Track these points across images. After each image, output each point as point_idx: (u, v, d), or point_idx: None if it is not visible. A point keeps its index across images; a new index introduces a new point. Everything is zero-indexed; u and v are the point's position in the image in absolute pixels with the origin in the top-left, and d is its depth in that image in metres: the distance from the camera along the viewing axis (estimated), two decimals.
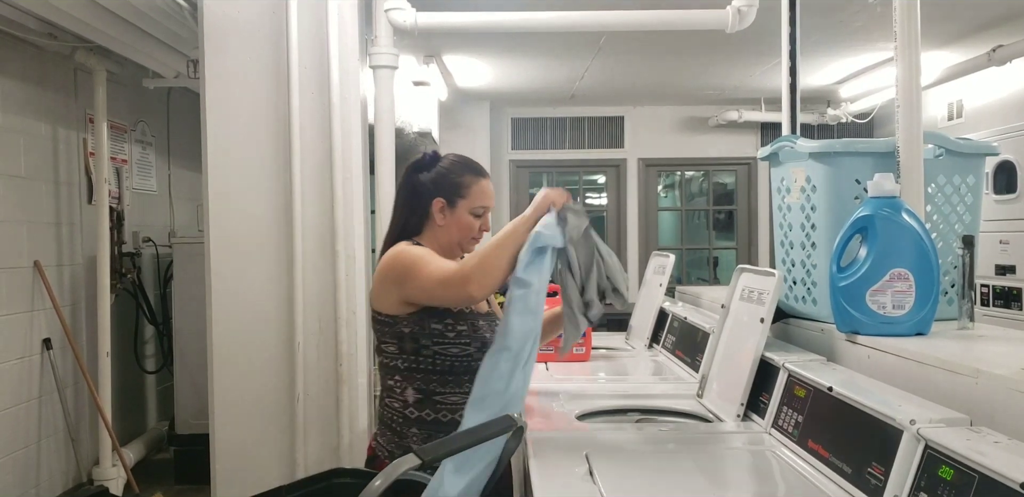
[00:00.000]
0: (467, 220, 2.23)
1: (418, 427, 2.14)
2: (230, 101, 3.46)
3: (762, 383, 2.05)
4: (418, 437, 2.14)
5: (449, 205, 2.22)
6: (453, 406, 2.12)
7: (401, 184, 2.31)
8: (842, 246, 1.99)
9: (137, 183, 5.43)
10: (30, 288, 4.21)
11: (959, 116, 6.02)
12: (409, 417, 2.15)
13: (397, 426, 2.17)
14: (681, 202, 8.13)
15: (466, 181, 2.23)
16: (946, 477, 1.25)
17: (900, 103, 2.18)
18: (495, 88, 6.70)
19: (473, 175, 2.25)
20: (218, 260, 3.48)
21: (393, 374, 2.17)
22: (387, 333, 2.16)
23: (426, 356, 2.12)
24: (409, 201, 2.26)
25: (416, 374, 2.14)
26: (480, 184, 2.25)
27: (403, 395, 2.16)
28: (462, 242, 2.25)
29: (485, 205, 2.25)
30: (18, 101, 4.12)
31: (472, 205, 2.23)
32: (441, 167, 2.26)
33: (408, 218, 2.25)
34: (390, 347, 2.16)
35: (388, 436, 2.19)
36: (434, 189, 2.22)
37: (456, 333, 2.13)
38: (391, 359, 2.17)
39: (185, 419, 4.91)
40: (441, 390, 2.14)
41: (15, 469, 4.07)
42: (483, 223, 2.26)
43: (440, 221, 2.22)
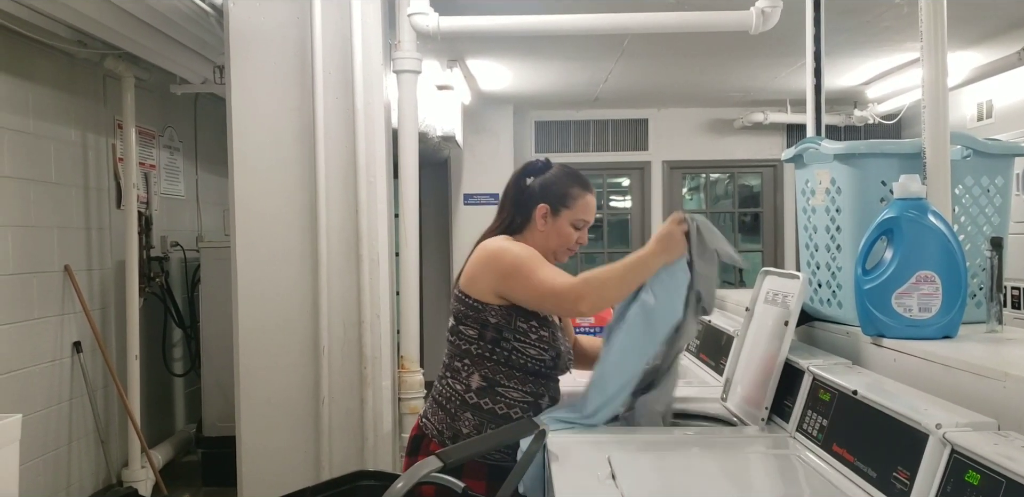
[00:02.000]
0: (567, 230, 2.28)
1: (473, 413, 2.17)
2: (256, 106, 3.49)
3: (787, 387, 2.03)
4: (471, 423, 2.17)
5: (552, 213, 2.27)
6: (511, 401, 2.16)
7: (510, 184, 2.37)
8: (867, 248, 1.97)
9: (165, 188, 5.49)
10: (60, 292, 4.27)
11: (989, 116, 5.95)
12: (467, 402, 2.18)
13: (453, 408, 2.20)
14: (706, 204, 8.09)
15: (573, 192, 2.28)
16: (973, 482, 1.24)
17: (926, 104, 2.16)
18: (518, 91, 6.70)
19: (580, 188, 2.30)
20: (244, 264, 3.51)
21: (463, 357, 2.21)
22: (471, 317, 2.20)
23: (504, 349, 2.17)
24: (516, 202, 2.32)
25: (487, 362, 2.18)
26: (586, 198, 2.30)
27: (468, 380, 2.19)
28: (557, 251, 2.31)
29: (586, 219, 2.30)
30: (49, 108, 4.18)
31: (575, 217, 2.28)
32: (551, 175, 2.32)
33: (514, 217, 2.31)
34: (469, 331, 2.20)
35: (440, 416, 2.22)
36: (540, 195, 2.28)
37: (539, 337, 2.18)
38: (467, 343, 2.21)
39: (212, 421, 4.95)
40: (506, 383, 2.17)
41: (46, 470, 4.12)
42: (580, 236, 2.31)
43: (541, 227, 2.27)
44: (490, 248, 2.23)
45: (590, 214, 2.31)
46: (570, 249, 2.31)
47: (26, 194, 3.99)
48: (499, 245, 2.22)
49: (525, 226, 2.29)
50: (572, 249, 2.32)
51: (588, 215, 2.31)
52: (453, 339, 2.26)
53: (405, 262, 3.70)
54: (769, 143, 7.56)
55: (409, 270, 3.69)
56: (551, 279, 2.09)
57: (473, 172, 7.41)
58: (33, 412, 3.97)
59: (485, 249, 2.24)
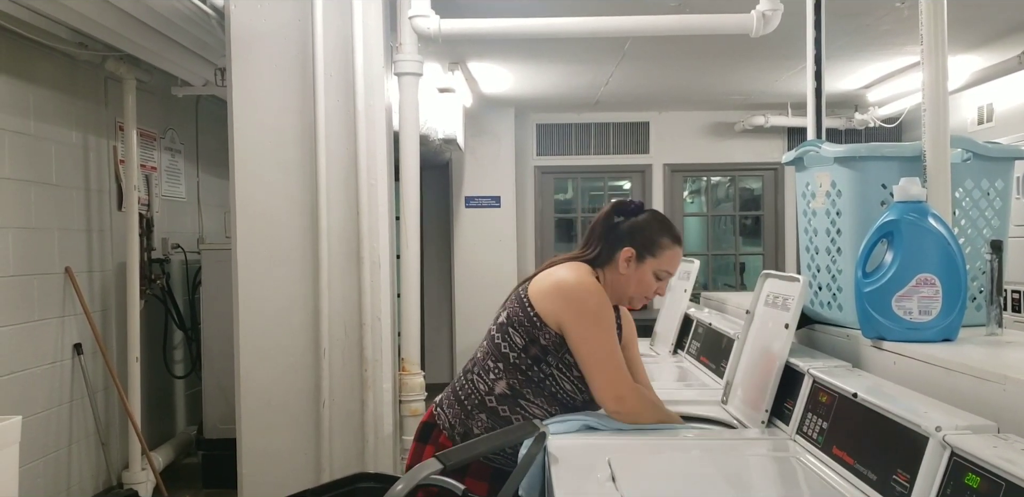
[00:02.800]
0: (648, 279, 2.25)
1: (488, 416, 2.17)
2: (257, 108, 3.50)
3: (787, 389, 2.03)
4: (484, 424, 2.16)
5: (637, 258, 2.23)
6: (530, 415, 2.15)
7: (599, 220, 2.31)
8: (867, 251, 1.98)
9: (166, 190, 5.49)
10: (61, 294, 4.27)
11: (989, 120, 5.95)
12: (486, 404, 2.18)
13: (471, 405, 2.19)
14: (707, 207, 8.09)
15: (663, 242, 2.25)
16: (972, 485, 1.24)
17: (927, 107, 2.16)
18: (520, 94, 6.71)
19: (671, 239, 2.26)
20: (245, 266, 3.51)
21: (499, 360, 2.19)
22: (524, 328, 2.17)
23: (541, 371, 2.15)
24: (603, 237, 2.27)
25: (519, 375, 2.16)
26: (675, 250, 2.27)
27: (493, 383, 2.18)
28: (634, 297, 2.28)
29: (670, 271, 2.28)
30: (50, 109, 4.19)
31: (659, 267, 2.24)
32: (643, 219, 2.28)
33: (601, 251, 2.27)
34: (517, 338, 2.17)
35: (455, 410, 2.22)
36: (628, 238, 2.25)
37: (580, 376, 2.15)
38: (509, 348, 2.18)
39: (213, 424, 4.95)
40: (530, 399, 2.16)
41: (46, 472, 4.12)
42: (660, 286, 2.28)
43: (623, 270, 2.23)
44: (582, 281, 2.17)
45: (675, 266, 2.28)
46: (647, 297, 2.29)
47: (27, 196, 4.00)
48: (591, 284, 2.17)
49: (607, 264, 2.25)
50: (649, 298, 2.29)
51: (672, 267, 2.28)
52: (497, 337, 2.21)
53: (406, 264, 3.70)
54: (770, 146, 7.56)
55: (410, 272, 3.69)
56: (609, 359, 2.12)
57: (474, 175, 7.41)
58: (33, 414, 3.97)
59: (577, 276, 2.18)
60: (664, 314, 3.62)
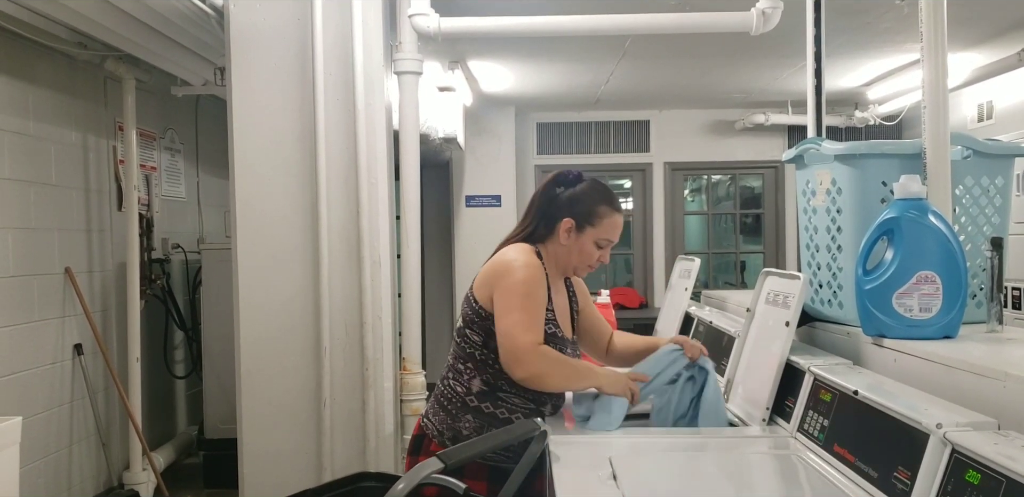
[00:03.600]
0: (589, 248, 2.26)
1: (474, 416, 2.18)
2: (256, 108, 3.49)
3: (787, 387, 2.03)
4: (471, 425, 2.18)
5: (577, 229, 2.25)
6: (512, 406, 2.16)
7: (538, 193, 2.34)
8: (868, 249, 1.97)
9: (166, 190, 5.49)
10: (61, 294, 4.27)
11: (989, 117, 5.95)
12: (468, 404, 2.19)
13: (454, 409, 2.21)
14: (708, 206, 8.09)
15: (601, 210, 2.26)
16: (973, 482, 1.24)
17: (927, 104, 2.16)
18: (520, 93, 6.71)
19: (609, 206, 2.27)
20: (245, 266, 3.51)
21: (467, 361, 2.22)
22: (477, 324, 2.20)
23: None
24: (542, 211, 2.29)
25: (489, 369, 2.18)
26: (613, 217, 2.27)
27: (469, 383, 2.20)
28: (578, 267, 2.30)
29: (611, 238, 2.28)
30: (49, 109, 4.19)
31: (599, 235, 2.26)
32: (580, 189, 2.29)
33: (537, 226, 2.29)
34: (475, 336, 2.20)
35: (441, 417, 2.23)
36: (567, 209, 2.26)
37: None
38: (471, 347, 2.21)
39: (214, 424, 4.95)
40: (508, 389, 2.18)
41: (47, 473, 4.12)
42: (603, 254, 2.29)
43: (564, 241, 2.25)
44: (505, 260, 2.21)
45: (615, 234, 2.29)
46: (591, 266, 2.30)
47: (26, 196, 4.00)
48: (514, 260, 2.19)
49: (548, 237, 2.28)
50: (592, 266, 2.31)
51: (613, 235, 2.28)
52: (459, 341, 2.26)
53: (407, 263, 3.70)
54: (770, 144, 7.56)
55: (411, 271, 3.69)
56: (519, 327, 2.08)
57: (475, 174, 7.41)
58: (34, 414, 3.97)
59: (501, 259, 2.23)
60: (665, 312, 3.61)
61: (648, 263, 7.76)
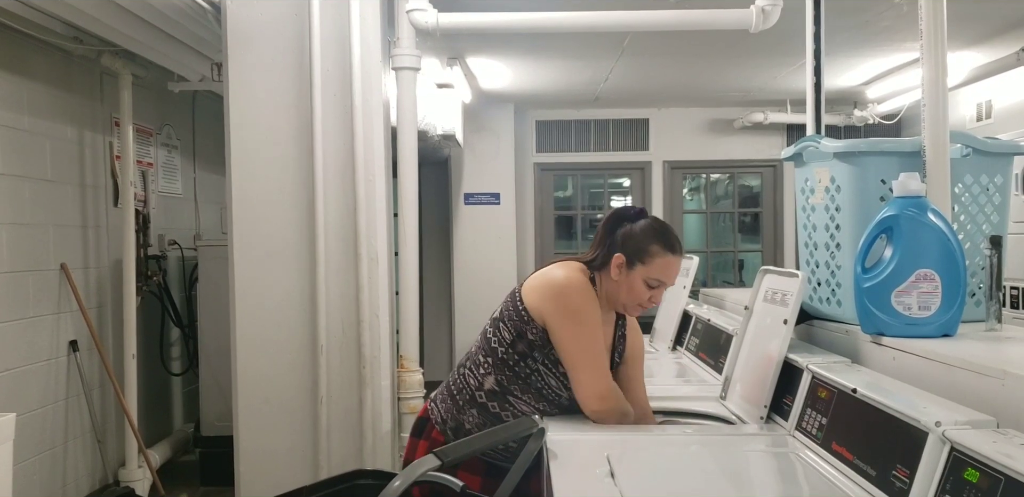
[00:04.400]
0: (639, 287, 2.19)
1: (479, 411, 2.18)
2: (253, 104, 3.48)
3: (786, 385, 2.02)
4: (475, 420, 2.18)
5: (627, 265, 2.20)
6: (519, 412, 2.16)
7: (602, 224, 2.31)
8: (867, 247, 1.97)
9: (163, 186, 5.47)
10: (56, 290, 4.25)
11: (988, 116, 5.94)
12: (476, 399, 2.19)
13: (462, 400, 2.21)
14: (706, 204, 8.08)
15: (653, 249, 2.19)
16: (972, 480, 1.23)
17: (926, 102, 2.15)
18: (519, 90, 6.69)
19: (662, 246, 2.20)
20: (241, 263, 3.50)
21: (488, 355, 2.20)
22: (514, 322, 2.18)
23: (527, 366, 2.16)
24: (604, 242, 2.26)
25: (507, 370, 2.17)
26: (666, 258, 2.20)
27: (483, 378, 2.19)
28: (627, 305, 2.24)
29: (661, 279, 2.20)
30: (44, 104, 4.17)
31: (648, 274, 2.19)
32: (637, 226, 2.24)
33: (597, 256, 2.26)
34: (506, 333, 2.19)
35: (448, 405, 2.24)
36: (620, 244, 2.22)
37: (565, 372, 2.16)
38: (498, 344, 2.20)
39: (210, 421, 4.94)
40: (518, 395, 2.17)
41: (42, 470, 4.10)
42: (655, 295, 2.22)
43: (615, 276, 2.21)
44: (571, 278, 2.18)
45: (668, 275, 2.21)
46: (640, 306, 2.23)
47: (21, 192, 3.98)
48: (578, 282, 2.18)
49: (603, 269, 2.24)
50: (644, 306, 2.24)
51: (665, 276, 2.20)
52: (489, 331, 2.23)
53: (404, 261, 3.69)
54: (769, 143, 7.55)
55: (408, 269, 3.68)
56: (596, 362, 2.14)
57: (473, 171, 7.40)
58: (28, 411, 3.95)
59: (565, 274, 2.20)
60: (663, 311, 3.61)
61: None
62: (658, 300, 2.25)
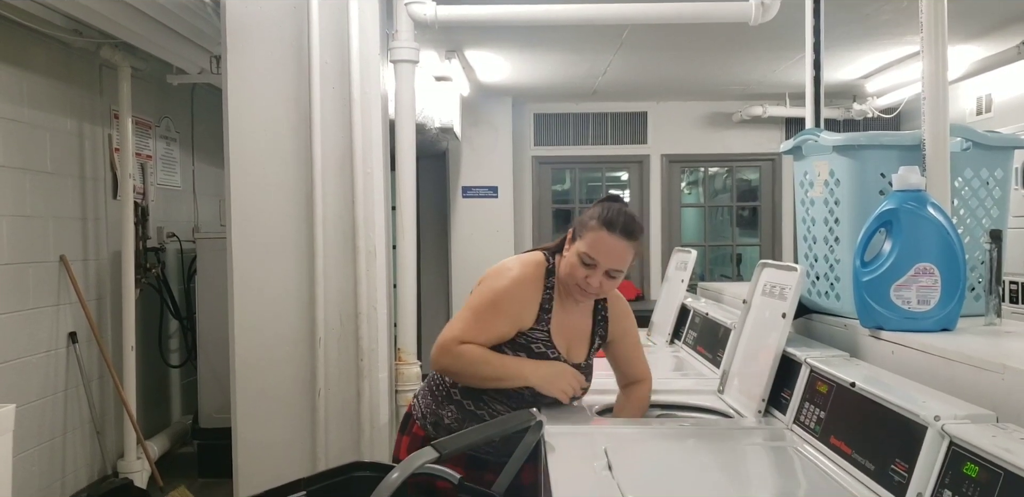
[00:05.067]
0: (574, 261, 2.13)
1: (456, 409, 2.19)
2: (252, 97, 3.47)
3: (784, 379, 2.02)
4: (452, 416, 2.19)
5: (571, 241, 2.17)
6: (493, 411, 2.15)
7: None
8: (866, 240, 1.97)
9: (162, 179, 5.47)
10: (56, 282, 4.25)
11: (988, 110, 5.93)
12: (452, 396, 2.20)
13: (440, 397, 2.22)
14: (704, 198, 8.08)
15: (591, 224, 2.12)
16: (971, 474, 1.23)
17: (926, 95, 2.15)
18: (517, 83, 6.68)
19: (600, 221, 2.11)
20: (240, 255, 3.49)
21: None
22: None
23: None
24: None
25: None
26: (599, 233, 2.10)
27: None
28: (568, 284, 2.16)
29: (591, 255, 2.10)
30: (44, 97, 4.16)
31: (581, 249, 2.11)
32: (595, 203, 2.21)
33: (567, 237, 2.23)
34: None
35: (427, 401, 2.26)
36: (576, 222, 2.20)
37: None
38: None
39: (208, 413, 4.94)
40: (492, 394, 2.17)
41: (41, 461, 4.11)
42: (589, 275, 2.10)
43: (564, 252, 2.20)
44: (501, 267, 2.22)
45: (597, 252, 2.09)
46: (580, 286, 2.13)
47: (21, 184, 3.97)
48: (509, 270, 2.19)
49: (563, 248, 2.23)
50: (583, 287, 2.13)
51: (595, 251, 2.09)
52: None
53: (402, 254, 3.68)
54: (767, 137, 7.54)
55: (406, 262, 3.67)
56: (455, 324, 2.13)
57: (471, 165, 7.39)
58: (28, 403, 3.96)
59: (501, 264, 2.23)
60: (661, 304, 3.61)
61: (645, 255, 7.75)
62: (597, 285, 2.11)
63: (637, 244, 2.14)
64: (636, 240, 2.13)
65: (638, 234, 2.14)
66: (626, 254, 2.11)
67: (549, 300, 2.19)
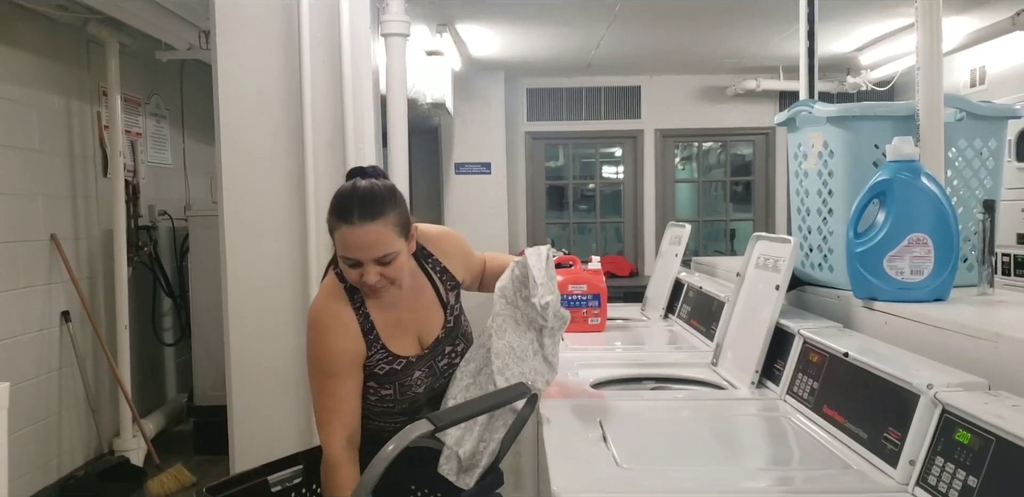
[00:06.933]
0: (346, 268, 1.88)
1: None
2: (242, 72, 3.44)
3: (777, 350, 2.03)
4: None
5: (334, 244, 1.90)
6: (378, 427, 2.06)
7: None
8: (859, 211, 1.96)
9: (152, 156, 5.43)
10: (47, 261, 4.24)
11: (982, 82, 5.92)
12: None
13: None
14: (698, 174, 8.06)
15: (330, 224, 1.87)
16: (963, 441, 1.23)
17: (920, 65, 2.14)
18: (510, 58, 6.64)
19: (335, 219, 1.84)
20: (232, 233, 3.48)
21: None
22: None
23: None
24: None
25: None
26: (341, 231, 1.83)
27: None
28: (363, 291, 1.93)
29: (346, 255, 1.85)
30: (31, 74, 4.12)
31: (339, 253, 1.88)
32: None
33: None
34: None
35: None
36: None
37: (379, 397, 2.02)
38: None
39: (203, 391, 4.95)
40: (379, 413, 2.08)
41: (37, 439, 4.12)
42: (364, 273, 1.84)
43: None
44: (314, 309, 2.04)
45: (350, 250, 1.83)
46: (370, 286, 1.86)
47: (9, 161, 3.95)
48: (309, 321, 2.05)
49: None
50: (371, 286, 1.87)
51: (348, 251, 1.83)
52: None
53: None
54: (761, 111, 7.52)
55: None
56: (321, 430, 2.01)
57: (464, 141, 7.35)
58: (22, 381, 3.96)
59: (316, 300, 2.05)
60: (655, 279, 3.61)
61: (639, 231, 7.75)
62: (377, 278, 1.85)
63: (391, 217, 1.84)
64: (383, 216, 1.82)
65: (383, 206, 1.83)
66: (380, 237, 1.82)
67: (366, 317, 1.96)
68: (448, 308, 2.07)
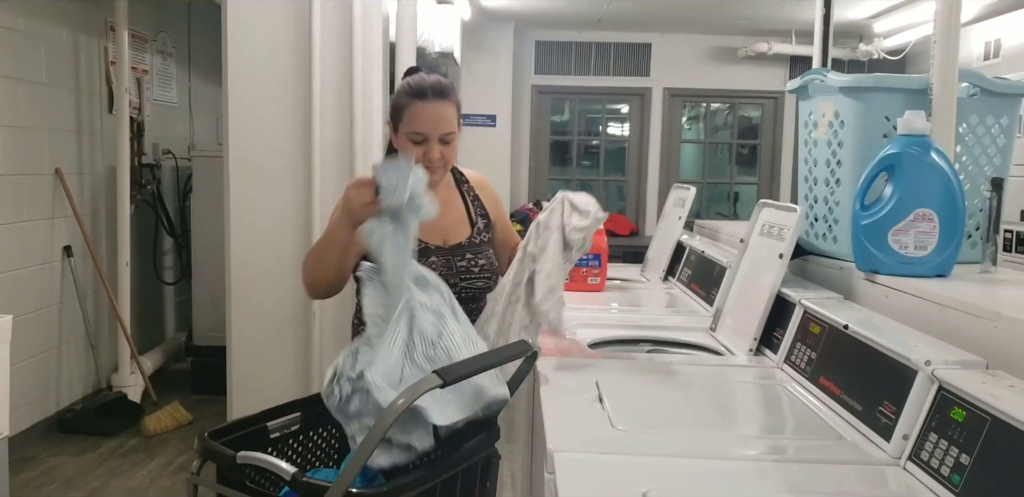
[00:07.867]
0: (406, 146, 2.06)
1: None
2: (251, 15, 3.41)
3: (777, 319, 2.05)
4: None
5: (394, 130, 2.12)
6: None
7: None
8: (867, 184, 1.96)
9: (157, 94, 5.39)
10: (51, 195, 4.24)
11: (996, 56, 5.86)
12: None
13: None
14: (704, 135, 8.02)
15: (402, 102, 2.08)
16: (958, 419, 1.26)
17: (937, 38, 2.11)
18: (520, 9, 6.55)
19: (409, 97, 2.06)
20: (236, 175, 3.48)
21: None
22: None
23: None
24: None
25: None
26: (414, 107, 2.05)
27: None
28: None
29: (416, 130, 2.05)
30: (39, 6, 4.07)
31: (406, 130, 2.07)
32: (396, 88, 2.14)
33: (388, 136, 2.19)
34: None
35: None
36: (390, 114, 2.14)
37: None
38: None
39: (202, 331, 4.99)
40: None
41: (36, 371, 4.16)
42: (428, 150, 2.05)
43: (396, 146, 2.13)
44: None
45: (422, 124, 2.04)
46: (428, 167, 1.97)
47: (14, 94, 3.92)
48: None
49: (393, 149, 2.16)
50: (427, 165, 2.00)
51: (416, 125, 2.04)
52: None
53: None
54: (771, 74, 7.46)
55: None
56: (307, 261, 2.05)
57: (471, 92, 7.29)
58: (24, 314, 3.99)
59: None
60: (657, 241, 3.62)
61: (641, 190, 7.74)
62: (438, 155, 2.07)
63: (455, 101, 2.12)
64: (450, 97, 2.11)
65: (450, 91, 2.12)
66: (448, 116, 2.09)
67: None
68: (475, 227, 2.25)
